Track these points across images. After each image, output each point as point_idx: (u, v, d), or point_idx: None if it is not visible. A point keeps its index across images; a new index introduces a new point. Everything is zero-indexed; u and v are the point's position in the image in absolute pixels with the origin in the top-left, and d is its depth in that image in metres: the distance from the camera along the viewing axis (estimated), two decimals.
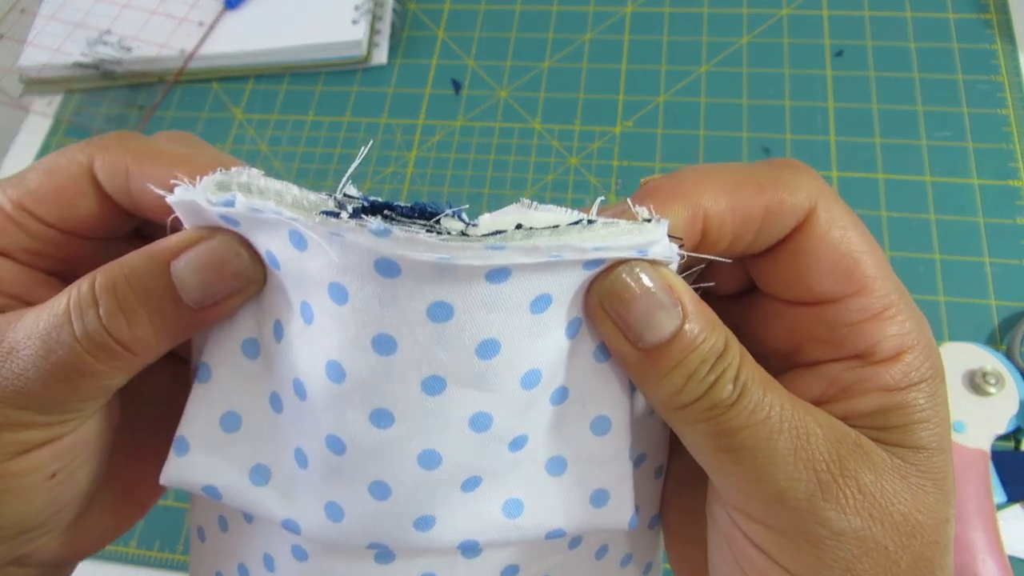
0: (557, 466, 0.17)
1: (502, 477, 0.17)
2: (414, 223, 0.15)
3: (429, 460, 0.16)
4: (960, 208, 0.48)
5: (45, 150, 0.60)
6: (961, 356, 0.42)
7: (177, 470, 0.17)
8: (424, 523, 0.17)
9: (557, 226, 0.16)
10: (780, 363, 0.19)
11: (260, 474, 0.17)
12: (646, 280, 0.16)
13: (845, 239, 0.17)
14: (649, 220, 0.16)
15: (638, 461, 0.19)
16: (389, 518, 0.16)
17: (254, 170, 0.16)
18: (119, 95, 0.61)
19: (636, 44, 0.58)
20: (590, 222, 0.16)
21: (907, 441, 0.17)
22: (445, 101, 0.57)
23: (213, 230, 0.16)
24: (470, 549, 0.18)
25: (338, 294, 0.15)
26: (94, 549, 0.20)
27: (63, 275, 0.18)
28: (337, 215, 0.14)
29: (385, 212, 0.14)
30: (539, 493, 0.17)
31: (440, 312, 0.15)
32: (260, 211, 0.15)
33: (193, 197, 0.15)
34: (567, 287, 0.16)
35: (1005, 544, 0.38)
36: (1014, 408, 0.40)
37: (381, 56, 0.60)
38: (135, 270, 0.16)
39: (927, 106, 0.52)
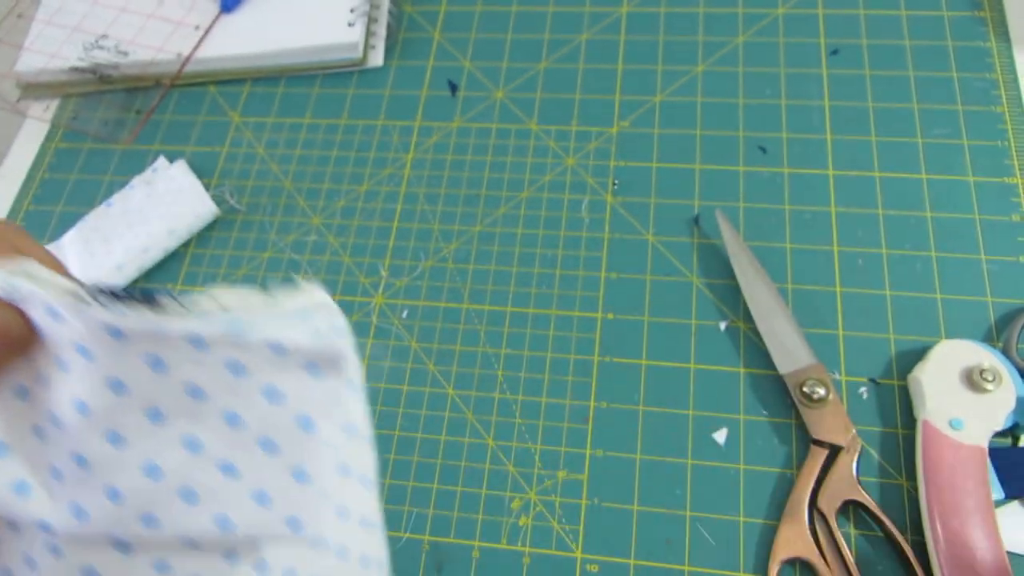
0: (262, 499, 0.23)
1: (217, 497, 0.22)
2: (140, 303, 0.21)
3: (153, 472, 0.22)
4: (956, 205, 0.49)
5: (42, 155, 0.60)
6: (958, 353, 0.42)
7: None
8: (150, 521, 0.22)
9: (248, 306, 0.22)
10: None
11: (22, 488, 0.22)
12: None
13: None
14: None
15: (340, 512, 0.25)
16: (122, 517, 0.21)
17: (35, 263, 0.22)
18: (116, 99, 0.61)
19: (632, 44, 0.58)
20: (268, 296, 0.22)
21: None
22: (441, 103, 0.57)
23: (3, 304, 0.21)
24: (191, 545, 0.23)
25: (83, 352, 0.21)
26: None
27: None
28: (87, 301, 0.20)
29: (117, 294, 0.21)
30: (247, 515, 0.22)
31: (158, 365, 0.21)
32: (31, 293, 0.21)
33: None
34: (262, 362, 0.22)
35: (1003, 541, 0.38)
36: (1011, 404, 0.41)
37: (377, 58, 0.60)
38: None
39: (922, 104, 0.52)
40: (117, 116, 0.60)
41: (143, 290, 0.21)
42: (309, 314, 0.23)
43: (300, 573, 0.25)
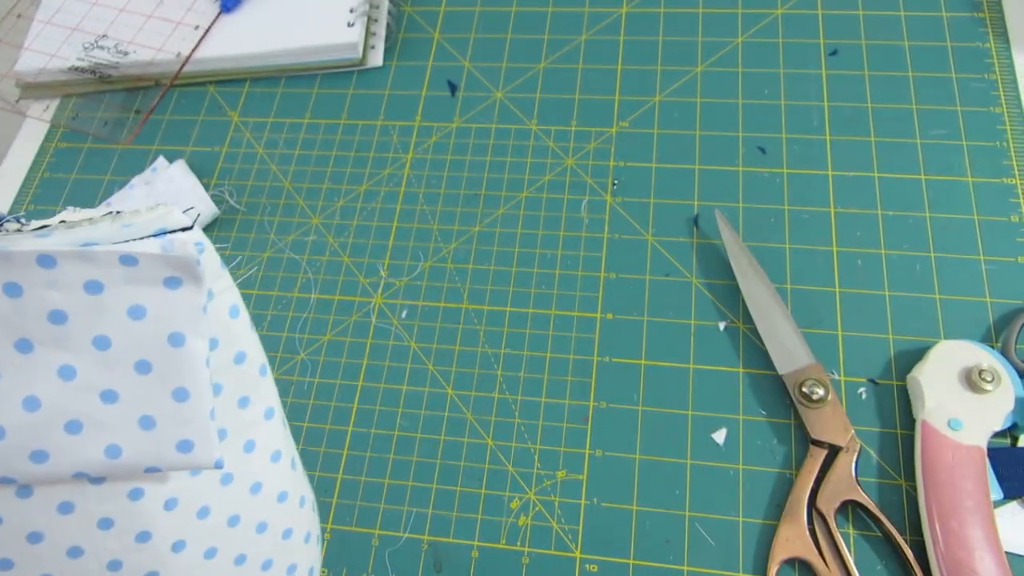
0: (147, 423, 0.22)
1: (102, 425, 0.22)
2: None
3: (31, 404, 0.22)
4: (955, 206, 0.49)
5: (42, 155, 0.60)
6: (957, 354, 0.42)
7: None
8: (39, 456, 0.21)
9: (91, 219, 0.21)
10: None
11: None
12: None
13: None
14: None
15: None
16: (9, 454, 0.21)
17: None
18: (116, 99, 0.61)
19: (631, 44, 0.58)
20: (118, 213, 0.22)
21: None
22: (441, 103, 0.57)
23: None
24: (90, 480, 0.23)
25: None
26: None
27: None
28: None
29: None
30: (135, 442, 0.22)
31: (13, 290, 0.20)
32: None
33: None
34: (117, 278, 0.21)
35: (1002, 541, 0.38)
36: (1010, 405, 0.41)
37: (377, 58, 0.60)
38: None
39: (921, 105, 0.52)
40: (117, 116, 0.60)
41: None
42: (162, 231, 0.22)
43: (213, 511, 0.25)
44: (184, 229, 0.23)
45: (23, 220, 0.21)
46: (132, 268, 0.21)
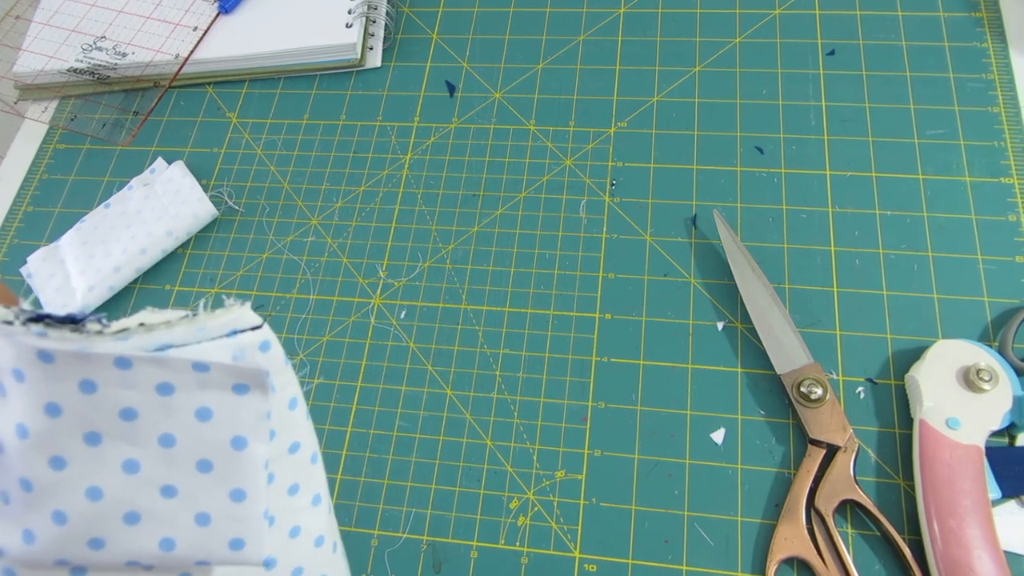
0: (203, 519, 0.23)
1: (159, 519, 0.23)
2: (64, 326, 0.21)
3: (94, 494, 0.22)
4: (952, 205, 0.49)
5: (40, 156, 0.60)
6: (955, 353, 0.42)
7: None
8: (96, 543, 0.22)
9: (168, 322, 0.22)
10: None
11: None
12: None
13: None
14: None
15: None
16: (69, 540, 0.22)
17: None
18: (114, 101, 0.61)
19: (629, 45, 0.58)
20: (194, 316, 0.23)
21: None
22: (440, 103, 0.57)
23: None
24: (142, 567, 0.23)
25: (18, 376, 0.21)
26: None
27: None
28: (11, 323, 0.21)
29: (45, 320, 0.21)
30: (190, 537, 0.23)
31: (88, 387, 0.22)
32: None
33: None
34: (188, 382, 0.23)
35: (1000, 540, 0.38)
36: (1008, 404, 0.41)
37: (375, 59, 0.60)
38: None
39: (919, 104, 0.52)
40: (115, 117, 0.60)
41: (68, 314, 0.22)
42: (233, 332, 0.24)
43: None
44: (254, 328, 0.24)
45: (104, 322, 0.22)
46: (204, 374, 0.23)
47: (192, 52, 0.60)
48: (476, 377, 0.47)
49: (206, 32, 0.61)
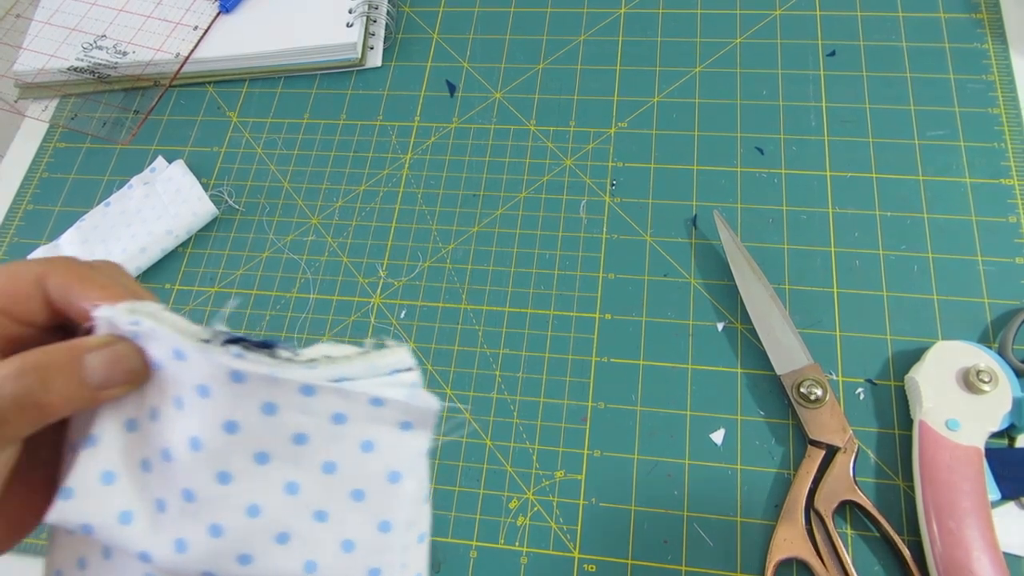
0: (348, 546, 0.24)
1: (308, 542, 0.24)
2: (262, 350, 0.22)
3: (253, 511, 0.23)
4: (953, 207, 0.49)
5: (41, 155, 0.60)
6: (954, 354, 0.42)
7: (60, 512, 0.23)
8: (244, 559, 0.23)
9: (348, 356, 0.23)
10: None
11: (126, 517, 0.23)
12: None
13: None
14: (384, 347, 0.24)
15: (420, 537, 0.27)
16: (220, 553, 0.23)
17: (158, 305, 0.23)
18: (114, 100, 0.61)
19: (630, 45, 0.58)
20: (368, 353, 0.24)
21: None
22: (440, 103, 0.57)
23: (119, 337, 0.23)
24: None
25: (202, 391, 0.22)
26: None
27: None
28: (208, 341, 0.22)
29: (241, 342, 0.22)
30: (333, 561, 0.24)
31: (269, 409, 0.23)
32: (157, 333, 0.22)
33: (112, 315, 0.23)
34: (361, 415, 0.23)
35: (1000, 541, 0.38)
36: (1007, 405, 0.41)
37: (376, 59, 0.60)
38: (59, 354, 0.22)
39: (919, 106, 0.52)
40: (115, 116, 0.60)
41: (262, 338, 0.23)
42: (394, 371, 0.25)
43: None
44: (408, 369, 0.25)
45: (296, 351, 0.23)
46: (377, 409, 0.24)
47: (192, 51, 0.60)
48: (476, 377, 0.47)
49: (207, 31, 0.61)
